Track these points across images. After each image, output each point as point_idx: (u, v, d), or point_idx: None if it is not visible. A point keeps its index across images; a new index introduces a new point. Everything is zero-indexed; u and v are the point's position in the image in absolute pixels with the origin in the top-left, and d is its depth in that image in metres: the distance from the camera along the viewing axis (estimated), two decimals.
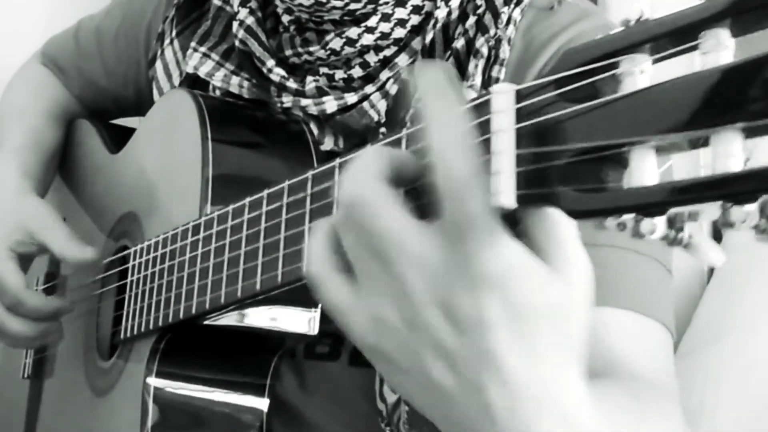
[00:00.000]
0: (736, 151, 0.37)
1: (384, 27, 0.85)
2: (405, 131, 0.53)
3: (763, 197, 0.36)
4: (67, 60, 1.18)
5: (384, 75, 0.87)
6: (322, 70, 0.88)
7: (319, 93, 0.88)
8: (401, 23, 0.86)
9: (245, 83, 0.93)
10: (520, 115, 0.46)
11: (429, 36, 0.85)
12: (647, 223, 0.40)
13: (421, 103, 0.47)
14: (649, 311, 0.75)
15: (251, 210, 0.71)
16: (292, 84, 0.88)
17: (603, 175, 0.43)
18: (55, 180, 1.16)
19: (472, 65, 0.83)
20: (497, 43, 0.83)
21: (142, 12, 1.11)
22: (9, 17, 1.54)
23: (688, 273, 1.41)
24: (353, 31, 0.85)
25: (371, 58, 0.87)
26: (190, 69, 0.96)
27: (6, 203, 1.04)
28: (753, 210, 0.36)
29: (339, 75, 0.88)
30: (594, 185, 0.43)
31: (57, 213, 1.02)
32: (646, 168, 0.41)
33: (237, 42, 0.92)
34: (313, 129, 0.89)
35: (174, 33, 1.01)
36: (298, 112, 0.89)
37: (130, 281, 0.90)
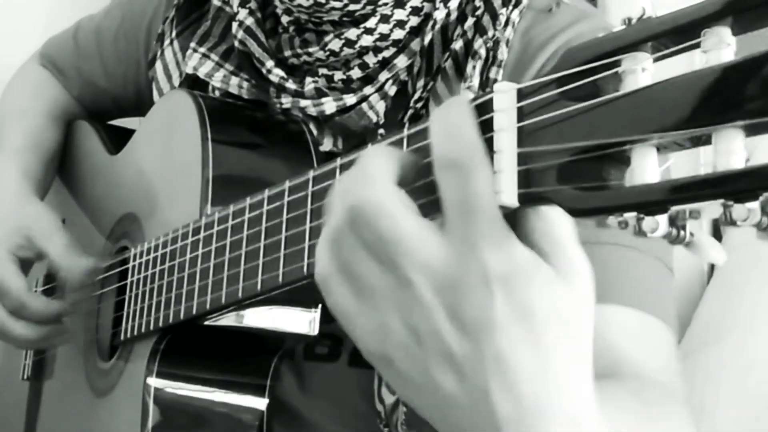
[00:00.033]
0: (737, 149, 0.37)
1: (383, 28, 0.85)
2: (405, 131, 0.53)
3: (765, 195, 0.36)
4: (66, 61, 1.18)
5: (383, 76, 0.87)
6: (321, 71, 0.88)
7: (318, 94, 0.88)
8: (400, 24, 0.86)
9: (244, 84, 0.93)
10: (521, 114, 0.46)
11: (428, 37, 0.85)
12: (649, 221, 0.40)
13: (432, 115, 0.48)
14: (652, 309, 0.74)
15: (252, 210, 0.71)
16: (291, 85, 0.88)
17: (604, 174, 0.43)
18: (55, 181, 1.16)
19: (470, 66, 0.83)
20: (495, 45, 0.83)
21: (141, 12, 1.11)
22: (9, 17, 1.54)
23: (688, 273, 1.41)
24: (352, 32, 0.85)
25: (370, 59, 0.87)
26: (189, 69, 0.96)
27: (7, 205, 1.04)
28: (755, 208, 0.36)
29: (338, 76, 0.88)
30: (595, 183, 0.43)
31: (57, 217, 1.02)
32: (647, 166, 0.41)
33: (236, 42, 0.92)
34: (313, 130, 0.89)
35: (174, 33, 1.01)
36: (297, 112, 0.89)
37: (130, 282, 0.90)
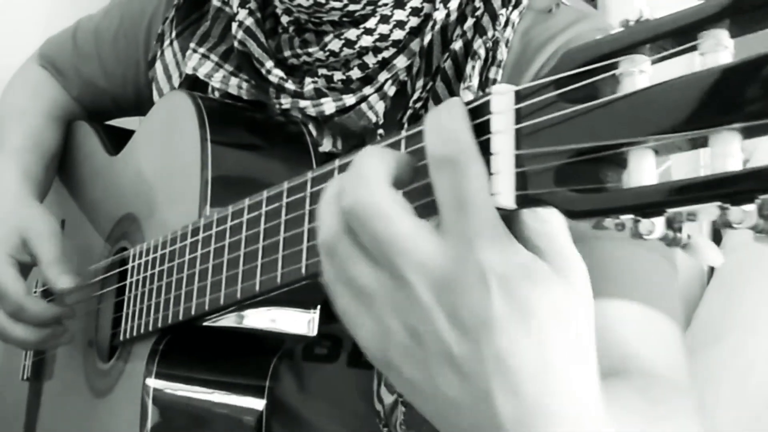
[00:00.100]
0: (734, 151, 0.37)
1: (383, 28, 0.85)
2: (404, 132, 0.52)
3: (762, 197, 0.36)
4: (66, 61, 1.18)
5: (382, 76, 0.87)
6: (320, 71, 0.88)
7: (318, 94, 0.87)
8: (400, 25, 0.86)
9: (244, 84, 0.93)
10: (519, 116, 0.46)
11: (427, 38, 0.85)
12: (646, 224, 0.40)
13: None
14: (658, 304, 0.74)
15: (250, 211, 0.71)
16: (290, 85, 0.88)
17: (602, 176, 0.43)
18: (55, 182, 1.16)
19: (469, 66, 0.83)
20: (495, 45, 0.83)
21: (141, 12, 1.11)
22: (9, 17, 1.54)
23: (688, 273, 1.41)
24: (352, 33, 0.85)
25: (370, 59, 0.87)
26: (189, 70, 0.96)
27: (7, 206, 1.04)
28: (751, 210, 0.36)
29: (338, 76, 0.88)
30: (593, 186, 0.43)
31: (55, 220, 1.02)
32: (644, 168, 0.41)
33: (236, 43, 0.92)
34: (312, 130, 0.89)
35: (174, 34, 1.01)
36: (296, 113, 0.89)
37: (129, 283, 0.90)
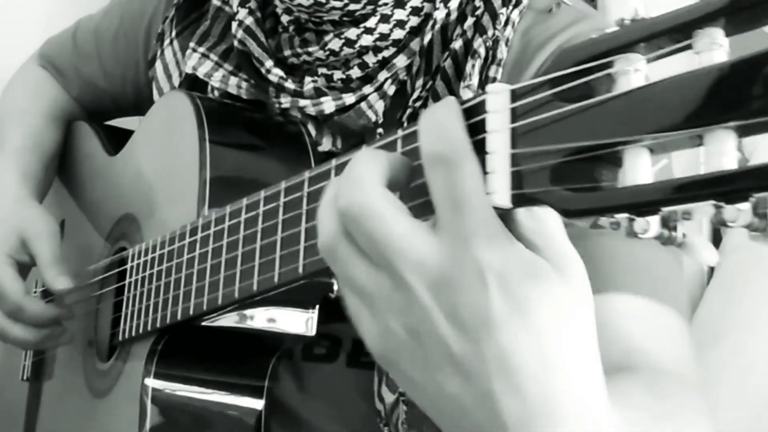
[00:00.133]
0: (729, 150, 0.37)
1: (383, 28, 0.85)
2: (400, 132, 0.52)
3: (756, 196, 0.36)
4: (65, 61, 1.18)
5: (382, 76, 0.87)
6: (320, 70, 0.88)
7: (318, 93, 0.87)
8: (400, 24, 0.86)
9: (243, 84, 0.93)
10: (514, 115, 0.46)
11: (427, 37, 0.85)
12: (641, 222, 0.40)
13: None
14: (664, 297, 0.73)
15: (248, 211, 0.71)
16: (290, 84, 0.88)
17: (597, 175, 0.43)
18: (54, 182, 1.16)
19: (469, 65, 0.83)
20: (495, 44, 0.83)
21: (141, 12, 1.11)
22: (9, 17, 1.54)
23: (688, 273, 1.41)
24: (352, 32, 0.85)
25: (370, 58, 0.87)
26: (188, 69, 0.96)
27: (7, 206, 1.04)
28: (746, 209, 0.36)
29: (337, 75, 0.88)
30: (588, 184, 0.43)
31: (54, 221, 1.02)
32: (639, 167, 0.40)
33: (236, 42, 0.92)
34: (311, 130, 0.89)
35: (174, 33, 1.01)
36: (296, 112, 0.89)
37: (128, 283, 0.90)
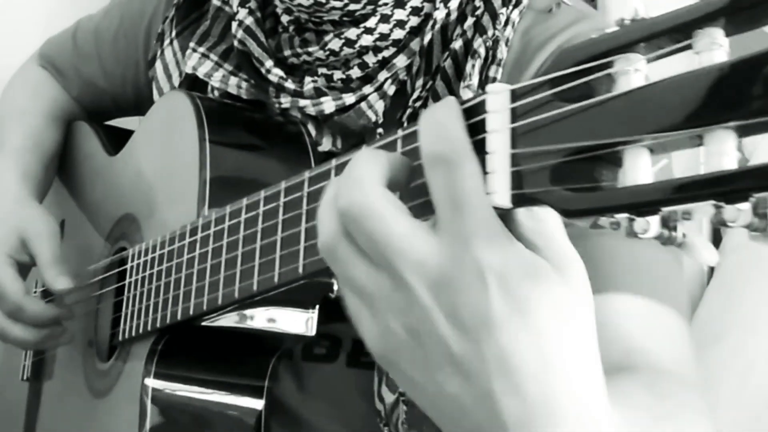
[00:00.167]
0: (729, 150, 0.37)
1: (383, 28, 0.85)
2: (400, 132, 0.52)
3: (756, 196, 0.36)
4: (65, 61, 1.18)
5: (382, 75, 0.87)
6: (320, 70, 0.88)
7: (318, 93, 0.87)
8: (400, 24, 0.86)
9: (243, 84, 0.93)
10: (514, 115, 0.46)
11: (427, 37, 0.85)
12: (641, 222, 0.40)
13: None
14: (664, 297, 0.73)
15: (248, 211, 0.71)
16: (290, 84, 0.88)
17: (597, 175, 0.43)
18: (54, 182, 1.16)
19: (469, 65, 0.83)
20: (495, 44, 0.83)
21: (141, 12, 1.11)
22: (9, 17, 1.54)
23: (688, 273, 1.41)
24: (352, 32, 0.85)
25: (370, 58, 0.87)
26: (188, 69, 0.96)
27: (7, 206, 1.04)
28: (746, 209, 0.36)
29: (337, 75, 0.88)
30: (588, 184, 0.43)
31: (54, 221, 1.02)
32: (639, 167, 0.40)
33: (236, 42, 0.92)
34: (311, 130, 0.89)
35: (174, 33, 1.01)
36: (296, 112, 0.89)
37: (128, 283, 0.90)
